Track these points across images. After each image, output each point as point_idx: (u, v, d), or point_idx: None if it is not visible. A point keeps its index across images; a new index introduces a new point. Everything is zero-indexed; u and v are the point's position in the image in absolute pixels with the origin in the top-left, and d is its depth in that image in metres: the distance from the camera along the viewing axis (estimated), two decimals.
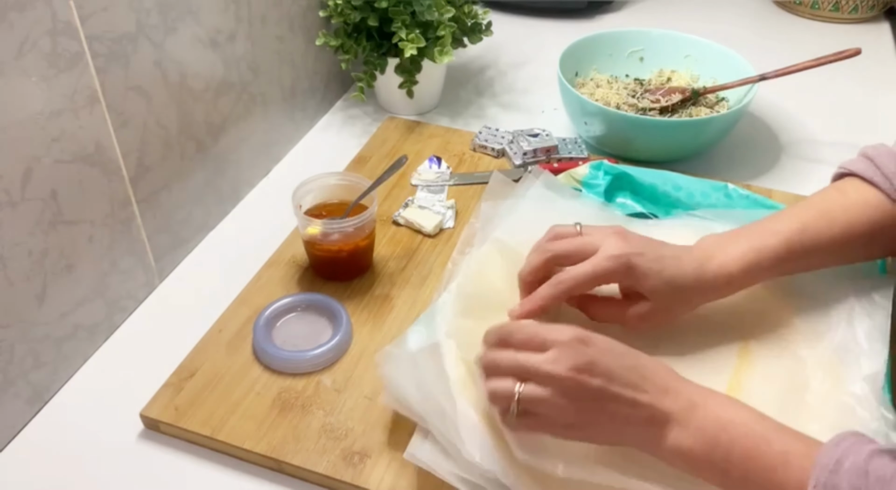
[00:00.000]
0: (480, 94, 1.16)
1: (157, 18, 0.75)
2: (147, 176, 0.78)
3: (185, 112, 0.82)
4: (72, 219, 0.70)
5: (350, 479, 0.63)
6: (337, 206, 0.82)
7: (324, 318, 0.76)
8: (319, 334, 0.74)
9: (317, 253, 0.80)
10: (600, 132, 0.98)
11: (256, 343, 0.73)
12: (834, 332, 0.68)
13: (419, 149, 1.01)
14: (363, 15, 0.99)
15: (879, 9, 1.38)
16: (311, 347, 0.72)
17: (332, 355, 0.72)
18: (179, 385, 0.70)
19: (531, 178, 0.83)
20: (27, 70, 0.62)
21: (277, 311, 0.76)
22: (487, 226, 0.79)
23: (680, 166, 0.95)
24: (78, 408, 0.72)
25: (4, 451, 0.68)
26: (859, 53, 0.96)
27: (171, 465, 0.67)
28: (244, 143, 0.93)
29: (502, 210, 0.80)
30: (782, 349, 0.68)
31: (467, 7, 1.05)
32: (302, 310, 0.77)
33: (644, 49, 1.11)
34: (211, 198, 0.89)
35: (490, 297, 0.70)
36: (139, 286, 0.81)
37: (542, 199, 0.80)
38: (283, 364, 0.72)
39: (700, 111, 1.03)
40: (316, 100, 1.09)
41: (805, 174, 0.99)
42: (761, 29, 1.37)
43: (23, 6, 0.60)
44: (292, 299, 0.77)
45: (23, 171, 0.64)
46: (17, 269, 0.65)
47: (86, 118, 0.69)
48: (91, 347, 0.76)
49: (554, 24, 1.36)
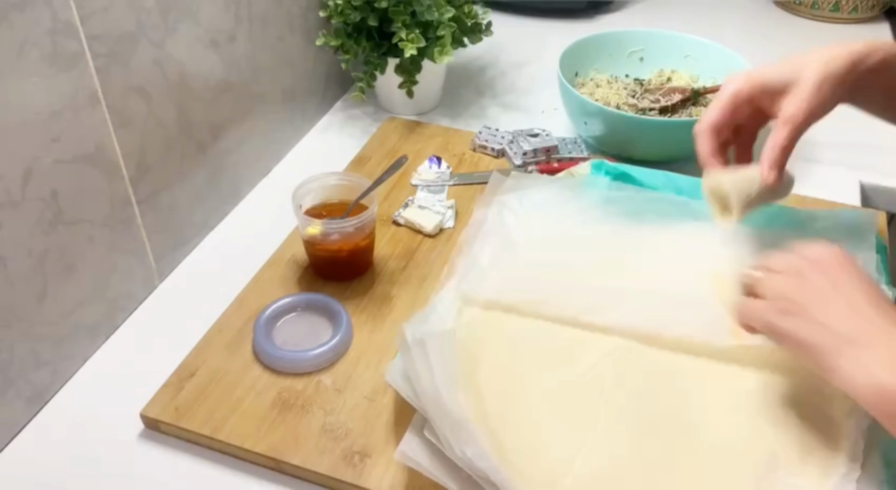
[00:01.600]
0: (480, 94, 1.16)
1: (158, 18, 0.75)
2: (147, 176, 0.78)
3: (185, 112, 0.82)
4: (72, 219, 0.70)
5: (350, 479, 0.63)
6: (337, 206, 0.82)
7: (324, 318, 0.76)
8: (319, 334, 0.74)
9: (317, 253, 0.80)
10: (600, 132, 0.98)
11: (256, 343, 0.73)
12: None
13: (419, 149, 1.01)
14: (363, 15, 0.99)
15: (879, 9, 1.38)
16: (311, 347, 0.72)
17: (332, 355, 0.72)
18: (179, 385, 0.70)
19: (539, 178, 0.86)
20: (27, 70, 0.62)
21: (277, 311, 0.76)
22: (486, 225, 0.80)
23: (680, 166, 0.95)
24: (78, 408, 0.72)
25: (4, 451, 0.68)
26: None
27: (171, 465, 0.67)
28: (244, 143, 0.93)
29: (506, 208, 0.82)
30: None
31: (467, 7, 1.05)
32: (302, 310, 0.77)
33: (644, 49, 1.11)
34: (211, 198, 0.89)
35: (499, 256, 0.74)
36: (139, 286, 0.81)
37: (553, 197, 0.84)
38: (283, 364, 0.72)
39: (700, 111, 1.02)
40: (316, 100, 1.09)
41: (805, 174, 0.99)
42: (761, 29, 1.37)
43: (23, 6, 0.60)
44: (292, 299, 0.77)
45: (23, 171, 0.64)
46: (17, 269, 0.65)
47: (86, 118, 0.69)
48: (91, 347, 0.76)
49: (554, 24, 1.36)
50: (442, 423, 0.59)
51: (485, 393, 0.64)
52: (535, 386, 0.66)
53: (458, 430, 0.58)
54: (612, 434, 0.63)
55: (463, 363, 0.64)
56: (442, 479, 0.59)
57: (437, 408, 0.60)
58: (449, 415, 0.59)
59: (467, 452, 0.57)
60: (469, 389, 0.63)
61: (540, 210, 0.82)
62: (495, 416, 0.63)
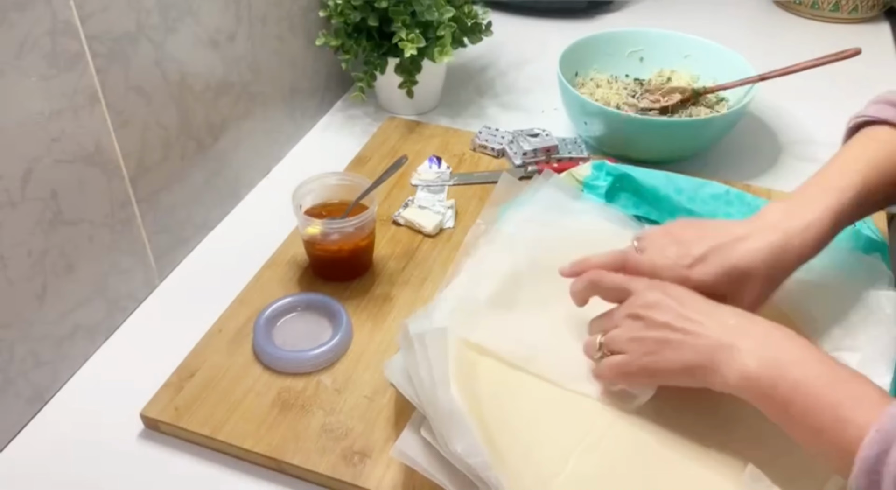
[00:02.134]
0: (480, 94, 1.16)
1: (158, 18, 0.75)
2: (147, 176, 0.78)
3: (185, 112, 0.82)
4: (72, 219, 0.70)
5: (350, 479, 0.63)
6: (337, 206, 0.82)
7: (324, 318, 0.76)
8: (319, 334, 0.74)
9: (317, 253, 0.80)
10: (600, 132, 0.98)
11: (256, 343, 0.73)
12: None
13: (419, 149, 1.01)
14: (363, 15, 0.99)
15: (879, 9, 1.38)
16: (311, 347, 0.72)
17: (332, 355, 0.72)
18: (179, 385, 0.70)
19: (541, 179, 0.84)
20: (27, 70, 0.62)
21: (277, 311, 0.76)
22: (494, 227, 0.79)
23: (680, 166, 0.95)
24: (78, 408, 0.72)
25: (4, 451, 0.68)
26: (859, 53, 0.96)
27: (171, 465, 0.67)
28: (244, 143, 0.93)
29: (510, 211, 0.81)
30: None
31: (467, 7, 1.05)
32: (302, 310, 0.77)
33: (644, 49, 1.11)
34: (211, 198, 0.89)
35: (499, 293, 0.72)
36: (139, 286, 0.81)
37: (552, 201, 0.82)
38: (283, 364, 0.72)
39: (700, 111, 1.02)
40: (316, 100, 1.09)
41: (805, 174, 0.97)
42: (761, 29, 1.37)
43: (23, 6, 0.60)
44: (292, 299, 0.77)
45: (23, 171, 0.64)
46: (17, 269, 0.65)
47: (86, 118, 0.69)
48: (91, 347, 0.76)
49: (554, 24, 1.36)
50: (437, 418, 0.59)
51: (481, 393, 0.64)
52: (532, 388, 0.66)
53: (451, 426, 0.58)
54: (607, 437, 0.63)
55: (461, 364, 0.64)
56: (438, 478, 0.59)
57: (432, 403, 0.60)
58: (443, 410, 0.59)
59: (458, 448, 0.56)
60: (466, 387, 0.62)
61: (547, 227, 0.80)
62: (491, 415, 0.63)
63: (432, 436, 0.59)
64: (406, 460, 0.60)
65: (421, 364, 0.62)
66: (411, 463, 0.60)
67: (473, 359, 0.67)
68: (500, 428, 0.62)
